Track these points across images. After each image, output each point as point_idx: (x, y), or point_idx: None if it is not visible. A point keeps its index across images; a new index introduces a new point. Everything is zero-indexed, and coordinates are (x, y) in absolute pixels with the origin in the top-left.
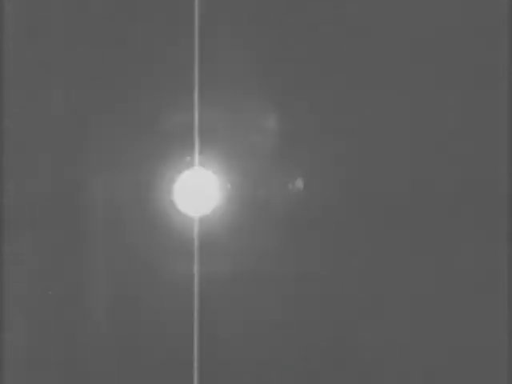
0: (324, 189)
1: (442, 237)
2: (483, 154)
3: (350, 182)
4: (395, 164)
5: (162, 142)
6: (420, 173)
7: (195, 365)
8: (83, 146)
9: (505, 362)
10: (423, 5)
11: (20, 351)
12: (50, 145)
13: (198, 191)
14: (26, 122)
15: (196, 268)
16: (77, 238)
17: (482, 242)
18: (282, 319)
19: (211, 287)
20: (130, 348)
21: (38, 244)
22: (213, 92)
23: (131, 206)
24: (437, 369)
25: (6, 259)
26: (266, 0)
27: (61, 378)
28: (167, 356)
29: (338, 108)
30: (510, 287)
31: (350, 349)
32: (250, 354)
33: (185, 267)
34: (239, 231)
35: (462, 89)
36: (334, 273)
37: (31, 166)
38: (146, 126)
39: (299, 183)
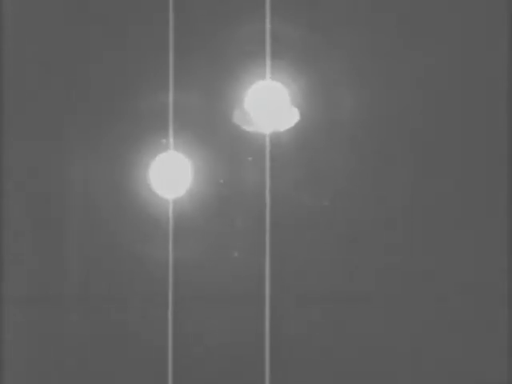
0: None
1: (442, 237)
2: (483, 153)
3: (343, 182)
4: (396, 165)
5: (138, 125)
6: (420, 173)
7: (169, 346)
8: (60, 132)
9: (505, 362)
10: (425, 4)
11: (20, 351)
12: (29, 132)
13: (172, 173)
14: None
15: (170, 247)
16: (57, 220)
17: (482, 242)
18: (256, 299)
19: (185, 267)
20: (115, 338)
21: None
22: (188, 76)
23: (107, 188)
24: (438, 368)
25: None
26: None
27: (60, 378)
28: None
29: (322, 96)
30: (510, 287)
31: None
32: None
33: (159, 246)
34: (212, 212)
35: (461, 89)
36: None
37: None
38: (121, 110)
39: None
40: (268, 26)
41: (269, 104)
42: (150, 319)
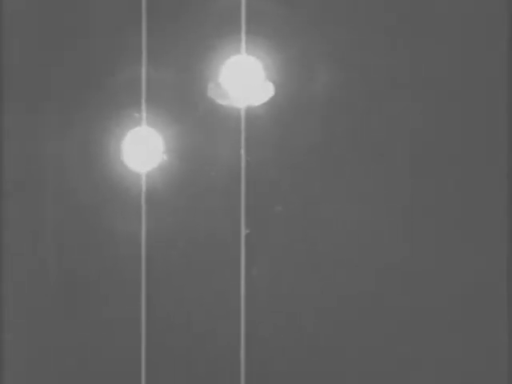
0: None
1: (443, 237)
2: (483, 153)
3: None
4: (395, 165)
5: (111, 99)
6: (421, 173)
7: (143, 319)
8: (33, 106)
9: (505, 362)
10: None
11: (20, 351)
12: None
13: (145, 148)
14: None
15: (143, 221)
16: (29, 195)
17: (482, 242)
18: (231, 275)
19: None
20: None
21: None
22: (161, 50)
23: (80, 162)
24: (437, 368)
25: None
26: None
27: (60, 378)
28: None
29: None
30: (509, 287)
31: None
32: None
33: (132, 221)
34: (185, 187)
35: (461, 88)
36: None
37: None
38: (94, 85)
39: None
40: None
41: (243, 78)
42: (122, 295)
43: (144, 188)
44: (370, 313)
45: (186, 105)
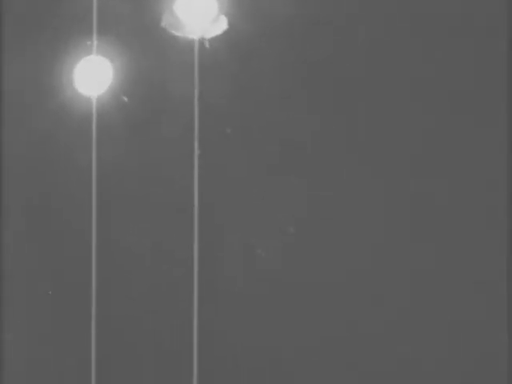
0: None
1: (443, 237)
2: (483, 153)
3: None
4: (397, 166)
5: (63, 27)
6: (421, 174)
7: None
8: None
9: (505, 362)
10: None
11: (20, 351)
12: None
13: (96, 76)
14: None
15: (94, 147)
16: None
17: (481, 242)
18: (183, 209)
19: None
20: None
21: None
22: None
23: (33, 88)
24: (437, 368)
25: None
26: None
27: (60, 378)
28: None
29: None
30: (509, 287)
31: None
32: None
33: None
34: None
35: (461, 88)
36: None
37: None
38: (47, 12)
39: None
40: None
41: (197, 10)
42: (73, 225)
43: (94, 111)
44: (369, 313)
45: (139, 34)
